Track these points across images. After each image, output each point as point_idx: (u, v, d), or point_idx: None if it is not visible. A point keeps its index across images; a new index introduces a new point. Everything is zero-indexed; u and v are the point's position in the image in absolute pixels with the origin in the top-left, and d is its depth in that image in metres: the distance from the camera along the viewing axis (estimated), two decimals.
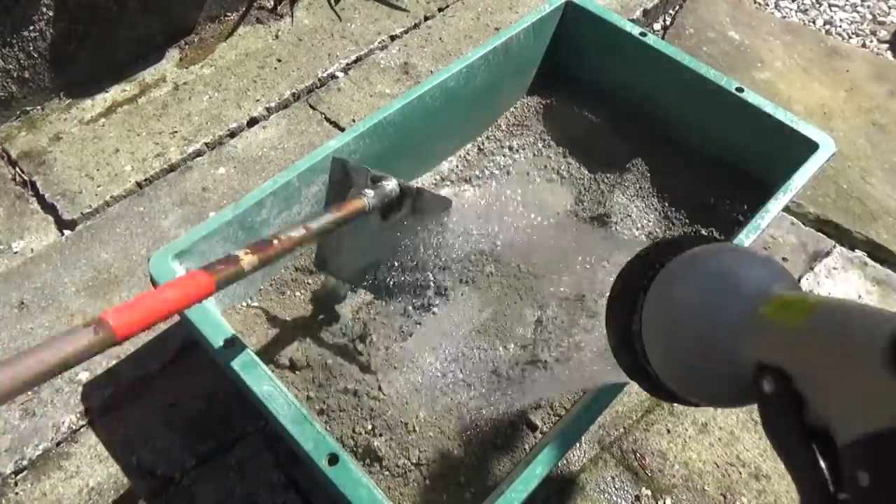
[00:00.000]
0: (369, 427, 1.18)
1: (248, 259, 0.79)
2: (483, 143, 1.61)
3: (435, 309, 1.29)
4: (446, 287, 1.31)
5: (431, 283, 1.28)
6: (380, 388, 1.20)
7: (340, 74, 1.81)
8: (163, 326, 1.30)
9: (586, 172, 1.55)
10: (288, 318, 1.29)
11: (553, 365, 1.22)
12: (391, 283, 1.22)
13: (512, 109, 1.66)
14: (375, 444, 1.16)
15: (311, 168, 1.21)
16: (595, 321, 1.28)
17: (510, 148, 1.62)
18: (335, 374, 1.23)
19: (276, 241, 0.85)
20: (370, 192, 1.04)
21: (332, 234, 1.05)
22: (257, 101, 1.71)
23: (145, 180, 1.54)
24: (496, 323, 1.29)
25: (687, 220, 1.49)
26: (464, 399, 1.18)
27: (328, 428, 1.16)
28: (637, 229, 1.47)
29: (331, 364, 1.24)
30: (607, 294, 0.61)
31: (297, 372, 1.23)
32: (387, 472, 1.13)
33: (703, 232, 1.45)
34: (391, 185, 1.08)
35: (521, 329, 1.28)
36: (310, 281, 1.33)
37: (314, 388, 1.20)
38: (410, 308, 1.30)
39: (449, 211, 1.09)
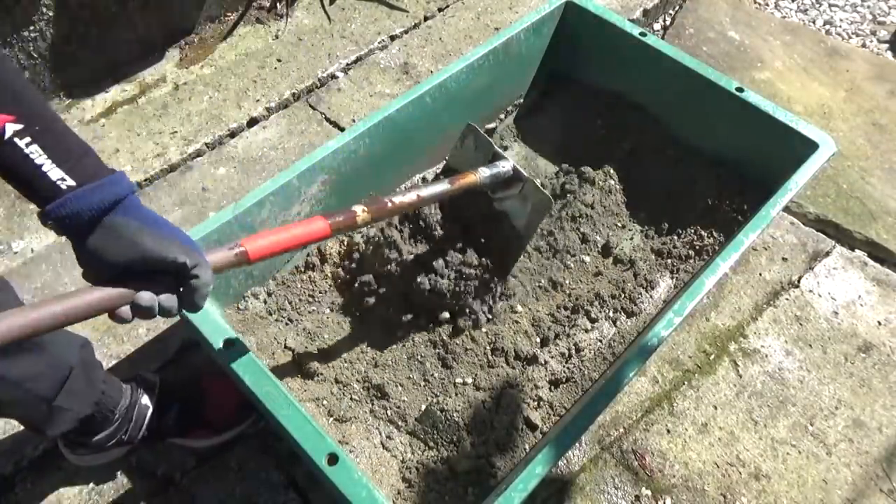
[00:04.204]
0: (372, 424, 1.18)
1: (363, 215, 0.89)
2: None
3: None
4: None
5: None
6: (382, 386, 1.20)
7: (340, 74, 1.81)
8: (162, 326, 1.30)
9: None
10: (288, 317, 1.29)
11: None
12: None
13: (511, 109, 1.66)
14: (376, 441, 1.16)
15: (311, 168, 1.21)
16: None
17: (510, 148, 1.62)
18: (342, 378, 1.23)
19: (389, 203, 0.95)
20: (485, 171, 1.15)
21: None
22: (257, 101, 1.71)
23: (145, 180, 1.54)
24: None
25: (687, 220, 1.49)
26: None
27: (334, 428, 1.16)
28: (638, 230, 1.47)
29: (336, 362, 1.24)
30: None
31: (301, 373, 1.23)
32: (387, 472, 1.13)
33: (703, 232, 1.45)
34: (507, 167, 1.19)
35: None
36: (305, 277, 1.33)
37: (314, 386, 1.21)
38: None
39: (550, 210, 1.19)
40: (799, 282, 1.47)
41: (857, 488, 1.18)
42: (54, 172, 0.57)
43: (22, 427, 1.16)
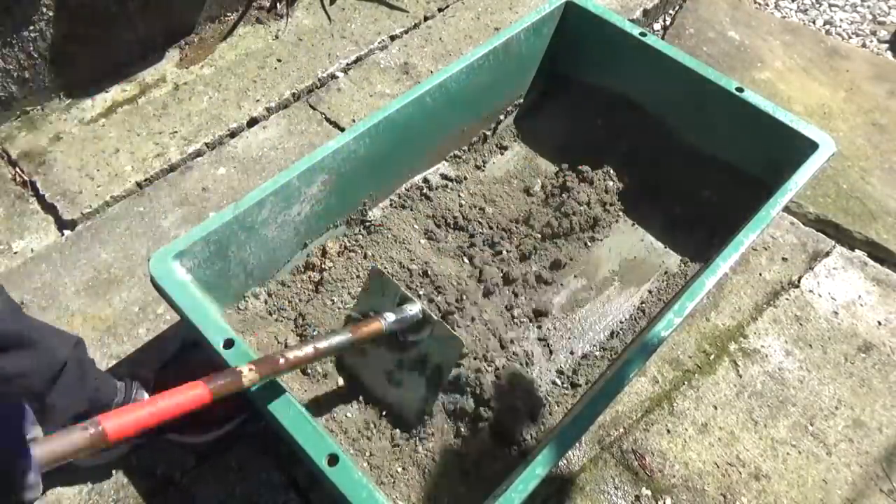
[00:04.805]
0: (373, 424, 1.18)
1: (250, 375, 0.81)
2: (482, 143, 1.61)
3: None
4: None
5: None
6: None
7: (340, 74, 1.81)
8: (162, 326, 1.30)
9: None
10: (288, 316, 1.29)
11: None
12: None
13: (511, 109, 1.66)
14: (376, 441, 1.16)
15: (310, 168, 1.21)
16: None
17: (510, 148, 1.62)
18: (342, 378, 1.23)
19: (282, 360, 0.87)
20: (390, 316, 1.07)
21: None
22: (257, 101, 1.71)
23: (145, 180, 1.54)
24: None
25: (687, 220, 1.49)
26: None
27: (329, 427, 1.16)
28: (637, 230, 1.47)
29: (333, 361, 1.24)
30: None
31: (301, 373, 1.23)
32: (387, 473, 1.13)
33: (703, 232, 1.44)
34: (414, 310, 1.11)
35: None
36: (305, 277, 1.33)
37: (314, 386, 1.21)
38: None
39: (462, 352, 1.12)
40: (799, 282, 1.47)
41: (857, 488, 1.18)
42: None
43: None
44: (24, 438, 0.61)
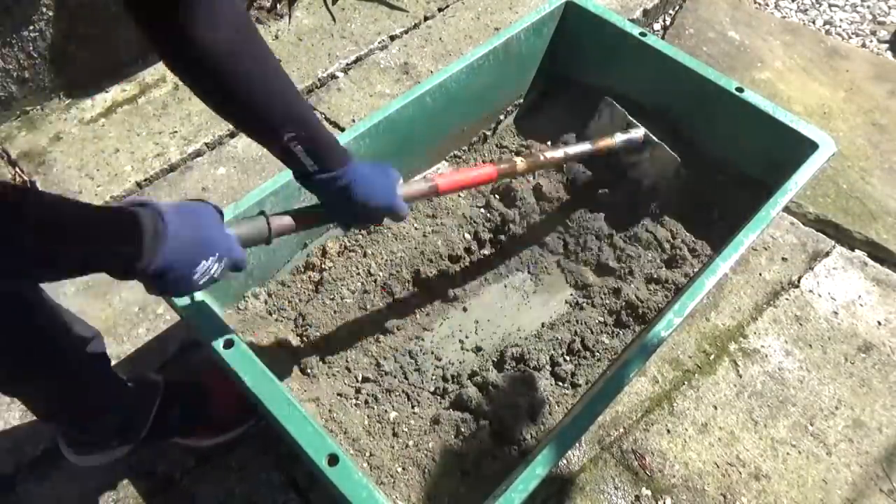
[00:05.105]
0: (367, 423, 1.18)
1: (521, 165, 1.17)
2: (482, 143, 1.61)
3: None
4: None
5: None
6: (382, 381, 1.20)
7: (340, 74, 1.81)
8: (162, 326, 1.30)
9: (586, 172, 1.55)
10: (288, 316, 1.29)
11: None
12: None
13: (511, 109, 1.66)
14: (376, 442, 1.16)
15: None
16: None
17: (508, 148, 1.62)
18: (343, 378, 1.23)
19: (542, 157, 1.21)
20: (620, 136, 1.37)
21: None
22: None
23: (145, 180, 1.54)
24: None
25: (687, 220, 1.48)
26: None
27: (328, 427, 1.16)
28: (637, 229, 1.47)
29: (336, 362, 1.24)
30: None
31: (301, 373, 1.23)
32: (387, 473, 1.13)
33: (703, 231, 1.44)
34: (638, 133, 1.40)
35: None
36: (305, 277, 1.33)
37: (314, 386, 1.21)
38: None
39: (678, 168, 1.38)
40: (799, 282, 1.47)
41: (857, 488, 1.18)
42: (307, 161, 0.87)
43: (22, 427, 1.17)
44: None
